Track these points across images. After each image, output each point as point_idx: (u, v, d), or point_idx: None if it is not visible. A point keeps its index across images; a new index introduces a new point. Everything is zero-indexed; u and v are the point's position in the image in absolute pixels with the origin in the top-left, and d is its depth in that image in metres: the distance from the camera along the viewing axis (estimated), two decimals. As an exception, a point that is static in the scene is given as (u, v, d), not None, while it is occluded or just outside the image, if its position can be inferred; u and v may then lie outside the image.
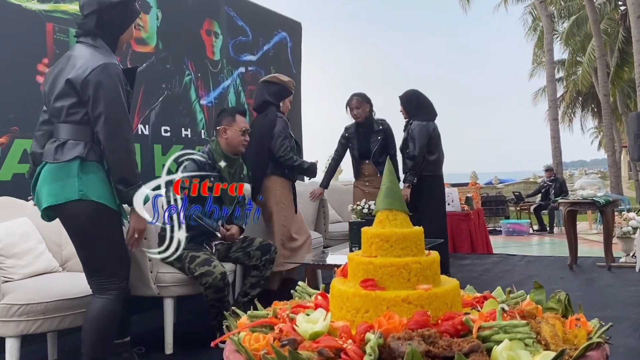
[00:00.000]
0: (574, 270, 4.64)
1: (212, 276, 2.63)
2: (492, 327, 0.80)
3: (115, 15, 2.04)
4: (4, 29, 2.89)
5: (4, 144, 2.88)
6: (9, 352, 2.11)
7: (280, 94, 3.56)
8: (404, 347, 0.72)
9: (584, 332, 0.86)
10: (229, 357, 0.87)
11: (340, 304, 0.92)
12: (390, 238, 0.95)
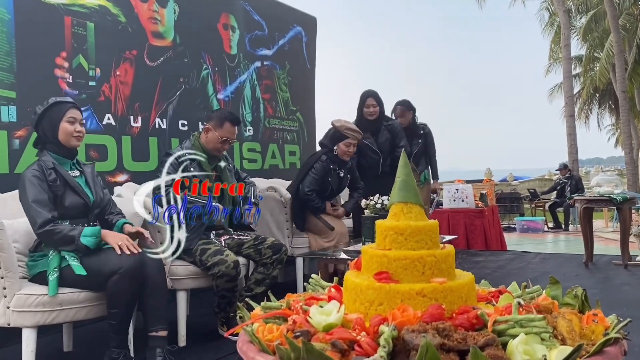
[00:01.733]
0: (590, 268, 4.59)
1: (225, 264, 2.64)
2: (507, 321, 0.79)
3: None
4: (25, 22, 2.93)
5: (22, 136, 2.92)
6: (26, 343, 2.14)
7: (334, 137, 3.79)
8: (418, 339, 0.72)
9: (601, 328, 0.85)
10: (242, 348, 0.88)
11: (354, 297, 0.92)
12: (404, 231, 0.95)
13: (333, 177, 3.80)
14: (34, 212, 2.16)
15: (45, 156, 2.31)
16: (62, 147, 2.33)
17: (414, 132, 4.72)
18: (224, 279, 2.66)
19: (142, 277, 2.18)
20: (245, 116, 4.46)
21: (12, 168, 2.86)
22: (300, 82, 5.13)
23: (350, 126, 3.80)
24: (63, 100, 2.37)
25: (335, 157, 3.78)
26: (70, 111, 2.33)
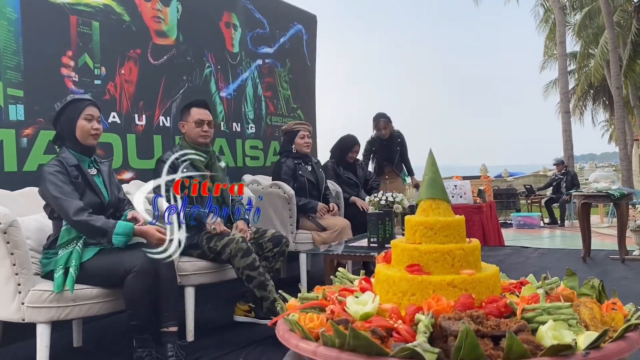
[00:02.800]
0: (588, 263, 4.66)
1: (234, 241, 2.68)
2: (535, 309, 0.84)
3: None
4: (31, 22, 2.94)
5: (30, 135, 2.94)
6: (40, 338, 2.18)
7: (288, 138, 4.06)
8: (456, 326, 0.77)
9: (620, 316, 0.90)
10: (283, 336, 0.92)
11: (386, 288, 0.97)
12: (434, 226, 1.00)
13: (303, 171, 3.96)
14: (64, 202, 2.17)
15: (65, 153, 2.33)
16: (79, 144, 2.35)
17: (393, 141, 5.19)
18: (239, 255, 2.66)
19: (154, 274, 2.21)
20: (247, 114, 4.50)
21: (20, 166, 2.88)
22: (300, 79, 5.17)
23: (297, 122, 4.21)
24: (81, 98, 2.40)
25: (296, 154, 3.98)
26: (88, 108, 2.36)
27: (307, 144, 4.00)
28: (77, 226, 2.23)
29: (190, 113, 3.00)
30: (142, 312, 2.23)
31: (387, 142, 5.16)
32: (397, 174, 5.25)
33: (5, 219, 2.10)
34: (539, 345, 0.77)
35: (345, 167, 4.49)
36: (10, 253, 2.13)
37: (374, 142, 5.22)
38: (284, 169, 3.91)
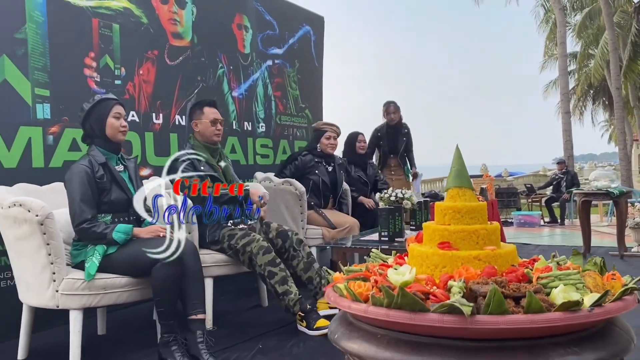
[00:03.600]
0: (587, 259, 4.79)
1: (255, 240, 2.80)
2: (548, 277, 0.99)
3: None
4: (57, 24, 3.07)
5: (56, 132, 3.07)
6: (73, 323, 2.31)
7: (315, 136, 4.24)
8: (484, 288, 0.91)
9: (619, 284, 1.05)
10: (335, 301, 1.07)
11: (420, 262, 1.12)
12: (461, 210, 1.15)
13: (321, 171, 4.08)
14: (77, 208, 2.32)
15: (94, 151, 2.47)
16: (108, 141, 2.49)
17: (399, 130, 5.28)
18: (260, 253, 2.76)
19: (181, 263, 2.34)
20: (258, 113, 4.63)
21: (47, 162, 3.01)
22: (308, 79, 5.30)
23: (326, 121, 4.31)
24: (108, 97, 2.54)
25: (319, 152, 4.14)
26: (116, 107, 2.50)
27: (332, 145, 4.16)
28: (79, 233, 2.38)
29: (204, 112, 3.13)
30: (168, 299, 2.36)
31: (394, 130, 5.25)
32: (402, 170, 5.35)
33: (42, 212, 2.23)
34: (552, 304, 0.91)
35: (356, 165, 4.62)
36: (47, 244, 2.26)
37: (381, 129, 5.32)
38: (294, 163, 4.09)
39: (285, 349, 2.57)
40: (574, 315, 0.89)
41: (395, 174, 5.29)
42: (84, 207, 2.32)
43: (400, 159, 5.32)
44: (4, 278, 2.76)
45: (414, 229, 3.43)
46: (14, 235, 2.36)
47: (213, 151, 3.15)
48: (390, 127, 5.26)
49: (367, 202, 4.41)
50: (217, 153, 3.17)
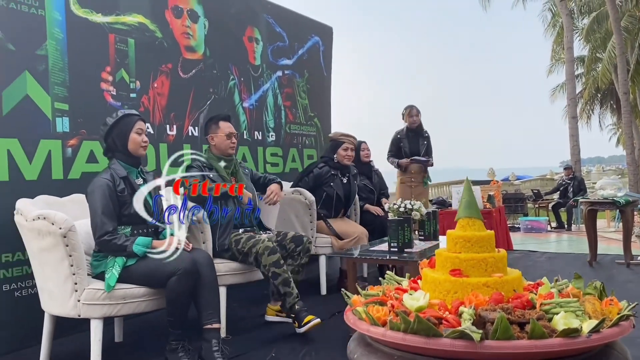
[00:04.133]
0: (594, 267, 4.85)
1: (260, 241, 2.91)
2: (550, 304, 1.07)
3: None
4: (75, 41, 3.17)
5: (74, 145, 3.17)
6: (94, 332, 2.40)
7: (332, 147, 4.24)
8: (492, 315, 0.99)
9: (616, 309, 1.13)
10: (354, 324, 1.15)
11: (433, 287, 1.20)
12: (471, 239, 1.23)
13: (336, 183, 4.12)
14: (99, 221, 2.41)
15: (115, 164, 2.56)
16: (130, 156, 2.59)
17: (420, 134, 5.40)
18: (266, 253, 2.88)
19: (196, 276, 2.43)
20: (268, 122, 4.72)
21: (66, 174, 3.11)
22: (317, 89, 5.39)
23: (343, 132, 4.30)
24: (131, 113, 2.63)
25: (336, 164, 4.16)
26: (138, 123, 2.60)
27: (349, 157, 4.21)
28: (100, 245, 2.47)
29: (220, 126, 3.24)
30: (180, 310, 2.46)
31: (414, 134, 5.38)
32: (422, 175, 5.40)
33: (65, 224, 2.33)
34: (554, 330, 0.99)
35: (361, 173, 4.70)
36: (69, 255, 2.36)
37: (401, 132, 5.43)
38: (317, 171, 4.12)
39: (298, 357, 2.65)
40: (573, 341, 0.98)
41: (415, 181, 5.36)
42: (105, 219, 2.42)
43: (419, 164, 5.38)
44: (26, 287, 2.86)
45: (423, 239, 3.50)
46: (38, 247, 2.45)
47: (227, 161, 3.25)
48: (411, 130, 5.38)
49: (375, 210, 4.49)
50: (231, 164, 3.27)
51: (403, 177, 5.40)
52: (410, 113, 5.37)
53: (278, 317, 3.22)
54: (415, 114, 5.37)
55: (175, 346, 2.46)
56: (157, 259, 2.45)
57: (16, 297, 2.81)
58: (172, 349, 2.46)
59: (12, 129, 2.85)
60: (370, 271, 4.75)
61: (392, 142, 5.45)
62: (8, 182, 2.80)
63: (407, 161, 5.27)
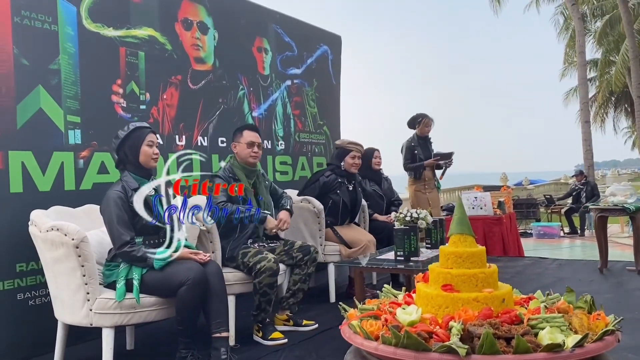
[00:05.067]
0: (604, 274, 4.82)
1: (266, 259, 2.96)
2: (537, 319, 1.10)
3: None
4: (86, 54, 3.25)
5: (86, 157, 3.25)
6: (105, 340, 2.46)
7: (339, 154, 4.27)
8: (479, 330, 1.03)
9: (603, 324, 1.15)
10: (349, 337, 1.19)
11: (425, 302, 1.24)
12: (462, 255, 1.27)
13: (342, 191, 4.16)
14: (117, 232, 2.47)
15: (127, 177, 2.62)
16: (141, 168, 2.65)
17: (428, 140, 5.58)
18: (267, 273, 2.94)
19: (206, 286, 2.48)
20: (277, 131, 4.78)
21: (78, 185, 3.18)
22: (326, 97, 5.44)
23: (351, 140, 4.33)
24: (142, 126, 2.69)
25: (343, 172, 4.20)
26: (149, 135, 2.66)
27: (357, 165, 4.25)
28: (121, 255, 2.53)
29: (243, 135, 3.32)
30: (189, 319, 2.51)
31: (424, 141, 5.49)
32: (434, 185, 5.52)
33: (77, 235, 2.40)
34: (539, 344, 1.02)
35: (370, 179, 4.73)
36: (81, 265, 2.42)
37: (413, 140, 5.47)
38: (323, 180, 4.15)
39: (305, 365, 2.69)
40: (556, 356, 1.01)
41: (428, 187, 5.45)
42: (122, 229, 2.48)
43: (432, 171, 5.50)
44: (39, 295, 2.93)
45: (430, 247, 3.53)
46: (51, 257, 2.52)
47: (250, 172, 3.31)
48: (421, 138, 5.46)
49: (381, 218, 4.52)
50: (253, 174, 3.33)
51: (417, 185, 5.45)
52: (427, 123, 5.44)
53: (285, 327, 3.26)
54: (431, 124, 5.47)
55: (185, 354, 2.51)
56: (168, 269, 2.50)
57: (30, 306, 2.88)
58: (181, 357, 2.51)
59: (26, 142, 2.92)
60: (380, 278, 4.77)
61: (408, 150, 5.48)
62: (22, 193, 2.88)
63: (432, 161, 5.34)
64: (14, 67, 2.89)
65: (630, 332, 3.01)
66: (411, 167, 5.46)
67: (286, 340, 3.03)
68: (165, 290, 2.48)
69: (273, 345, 2.98)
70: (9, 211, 2.80)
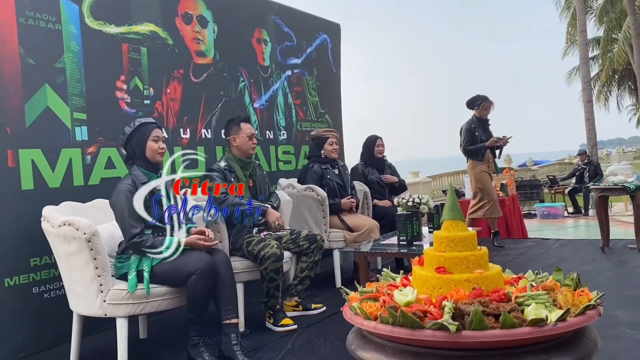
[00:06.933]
0: (606, 253, 4.89)
1: (269, 246, 3.04)
2: (524, 296, 1.18)
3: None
4: (90, 52, 3.31)
5: (93, 152, 3.32)
6: (120, 330, 2.55)
7: (318, 144, 4.40)
8: (469, 308, 1.11)
9: (586, 299, 1.23)
10: (351, 318, 1.28)
11: (421, 284, 1.33)
12: (454, 239, 1.36)
13: (331, 175, 4.31)
14: (128, 224, 2.56)
15: (136, 171, 2.70)
16: (149, 162, 2.72)
17: (487, 122, 5.55)
18: (271, 259, 3.02)
19: (215, 274, 2.57)
20: (279, 121, 4.84)
21: (86, 180, 3.26)
22: (327, 85, 5.49)
23: (325, 129, 4.58)
24: (147, 122, 2.76)
25: (324, 159, 4.33)
26: (155, 131, 2.73)
27: (335, 150, 4.39)
28: (132, 247, 2.61)
29: (242, 128, 3.38)
30: (200, 307, 2.60)
31: (483, 123, 5.49)
32: (494, 166, 5.56)
33: (89, 230, 2.48)
34: (525, 320, 1.10)
35: (373, 167, 4.81)
36: (94, 258, 2.51)
37: (473, 122, 5.47)
38: (310, 175, 4.28)
39: (314, 349, 2.78)
40: (540, 329, 1.09)
41: (490, 169, 5.50)
42: (133, 222, 2.56)
43: (492, 152, 5.52)
44: (54, 288, 3.03)
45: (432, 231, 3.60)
46: (64, 251, 2.61)
47: (246, 164, 3.38)
48: (480, 120, 5.46)
49: (383, 204, 4.61)
50: (250, 166, 3.40)
51: (482, 166, 5.45)
52: (486, 107, 5.43)
53: (294, 312, 3.35)
54: (490, 107, 5.48)
55: (196, 341, 2.60)
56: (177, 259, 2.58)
57: (45, 299, 2.98)
58: (193, 344, 2.60)
59: (35, 140, 3.00)
60: (385, 263, 4.86)
61: (467, 132, 5.45)
62: (33, 190, 2.96)
63: (495, 139, 5.32)
64: (21, 67, 2.96)
65: (630, 309, 3.10)
66: (471, 148, 5.42)
67: (296, 327, 3.11)
68: (176, 280, 2.57)
69: (283, 331, 3.07)
70: (21, 208, 2.89)
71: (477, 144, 5.37)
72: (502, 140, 5.38)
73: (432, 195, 11.16)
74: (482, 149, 5.38)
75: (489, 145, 5.35)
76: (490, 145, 5.36)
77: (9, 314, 2.82)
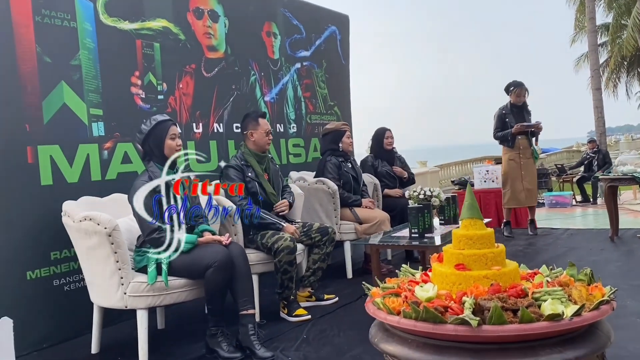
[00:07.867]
0: (615, 242, 4.92)
1: (283, 238, 3.12)
2: (540, 292, 1.24)
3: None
4: (105, 49, 3.36)
5: (110, 147, 3.39)
6: (140, 321, 2.62)
7: (335, 137, 4.37)
8: (489, 303, 1.16)
9: (600, 294, 1.28)
10: (374, 313, 1.34)
11: (440, 280, 1.38)
12: (473, 237, 1.41)
13: (347, 168, 4.35)
14: (144, 220, 2.62)
15: (153, 167, 2.76)
16: (165, 159, 2.77)
17: (525, 109, 5.46)
18: (285, 251, 3.10)
19: (231, 267, 2.63)
20: (289, 114, 4.88)
21: (104, 175, 3.33)
22: (336, 77, 5.52)
23: (340, 122, 4.60)
24: (164, 119, 2.81)
25: (341, 152, 4.37)
26: (172, 128, 2.78)
27: (351, 144, 4.47)
28: (150, 242, 2.67)
29: (259, 123, 3.43)
30: (217, 299, 2.67)
31: (519, 109, 5.40)
32: (530, 150, 5.42)
33: (110, 224, 2.55)
34: (542, 315, 1.15)
35: (383, 159, 4.85)
36: (114, 252, 2.58)
37: (505, 108, 5.42)
38: (329, 166, 4.29)
39: (328, 338, 2.85)
40: (556, 324, 1.15)
41: (523, 157, 5.38)
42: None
43: (528, 139, 5.39)
44: (74, 281, 3.11)
45: (443, 223, 3.65)
46: (85, 245, 2.68)
47: (261, 158, 3.44)
48: (515, 106, 5.38)
49: (394, 193, 4.67)
50: (264, 160, 3.46)
51: (511, 154, 5.40)
52: (517, 93, 5.35)
53: (308, 302, 3.42)
54: (524, 94, 5.38)
55: (214, 331, 2.67)
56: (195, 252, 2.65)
57: (66, 291, 3.06)
58: (211, 334, 2.68)
59: (53, 136, 3.07)
60: (395, 254, 4.91)
61: (498, 118, 5.42)
62: (52, 185, 3.03)
63: (518, 126, 5.24)
64: (38, 65, 3.02)
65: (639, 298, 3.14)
66: (499, 135, 5.41)
67: (310, 317, 3.18)
68: (193, 272, 2.63)
69: (297, 321, 3.14)
70: (41, 203, 2.97)
71: (507, 129, 5.34)
72: (532, 126, 5.30)
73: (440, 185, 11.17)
74: (507, 135, 5.33)
75: (514, 132, 5.28)
76: (516, 132, 5.29)
77: (31, 306, 2.90)
